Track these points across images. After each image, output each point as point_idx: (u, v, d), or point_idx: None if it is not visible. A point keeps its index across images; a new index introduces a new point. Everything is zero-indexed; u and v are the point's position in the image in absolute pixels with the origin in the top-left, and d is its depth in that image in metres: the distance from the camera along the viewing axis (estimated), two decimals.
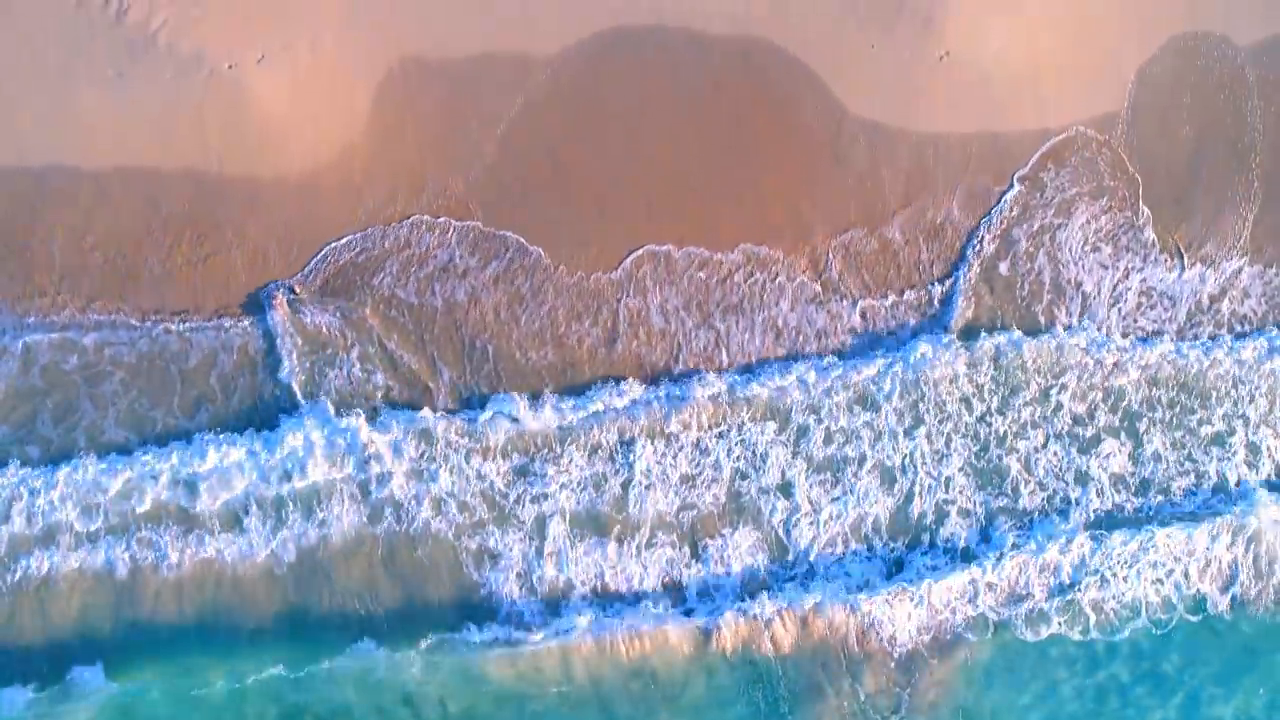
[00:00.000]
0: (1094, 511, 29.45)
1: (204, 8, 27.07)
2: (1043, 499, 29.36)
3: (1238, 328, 30.96)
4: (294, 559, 26.48)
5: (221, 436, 26.62)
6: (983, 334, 29.47)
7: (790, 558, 28.28)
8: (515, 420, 27.44)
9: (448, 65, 27.91)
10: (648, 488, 27.83)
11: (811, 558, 28.33)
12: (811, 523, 28.35)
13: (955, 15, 29.12)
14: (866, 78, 29.12)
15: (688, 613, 27.51)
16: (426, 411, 27.23)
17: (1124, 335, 30.19)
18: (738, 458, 28.27)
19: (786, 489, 28.38)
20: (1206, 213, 30.84)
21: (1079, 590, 28.72)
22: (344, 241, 27.61)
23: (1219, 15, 30.53)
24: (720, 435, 28.21)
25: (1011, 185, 29.76)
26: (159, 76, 26.82)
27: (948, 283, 29.58)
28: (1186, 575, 29.40)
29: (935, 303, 29.60)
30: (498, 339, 27.92)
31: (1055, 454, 29.49)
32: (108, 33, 26.73)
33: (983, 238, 29.59)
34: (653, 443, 27.89)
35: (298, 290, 27.32)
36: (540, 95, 28.19)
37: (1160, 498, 29.93)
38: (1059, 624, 28.67)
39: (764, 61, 28.83)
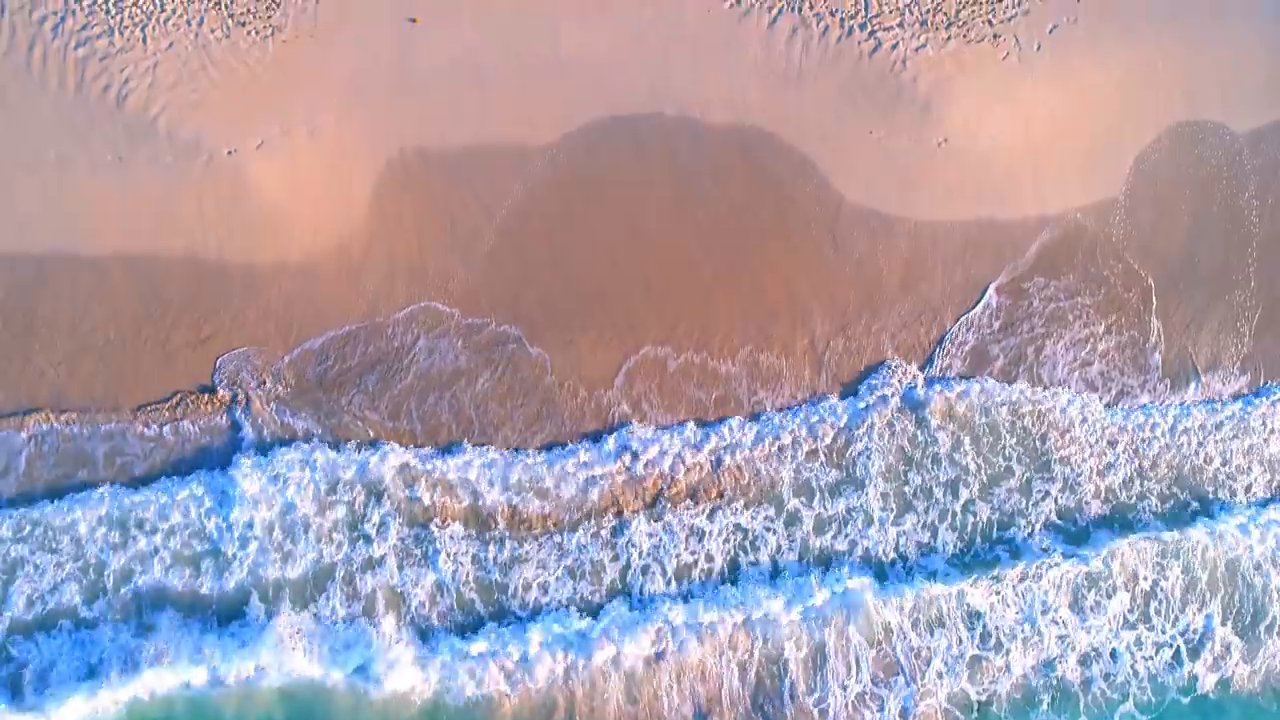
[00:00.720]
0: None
1: (203, 93, 27.16)
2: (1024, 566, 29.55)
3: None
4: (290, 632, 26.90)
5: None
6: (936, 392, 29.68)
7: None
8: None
9: (447, 154, 28.03)
10: (645, 570, 28.11)
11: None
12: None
13: (954, 102, 29.16)
14: (864, 165, 29.17)
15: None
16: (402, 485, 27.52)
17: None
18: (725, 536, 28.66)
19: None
20: (1202, 301, 30.84)
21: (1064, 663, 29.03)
22: (320, 343, 27.64)
23: (1217, 103, 30.54)
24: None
25: (985, 294, 29.84)
26: (159, 161, 26.98)
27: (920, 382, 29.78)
28: (1177, 654, 29.62)
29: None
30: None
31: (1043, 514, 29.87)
32: (108, 118, 26.87)
33: (948, 350, 29.71)
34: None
35: (284, 374, 27.45)
36: (539, 182, 28.31)
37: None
38: (1046, 706, 28.83)
39: (762, 149, 28.93)
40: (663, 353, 28.29)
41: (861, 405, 29.17)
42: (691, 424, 28.32)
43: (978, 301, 29.69)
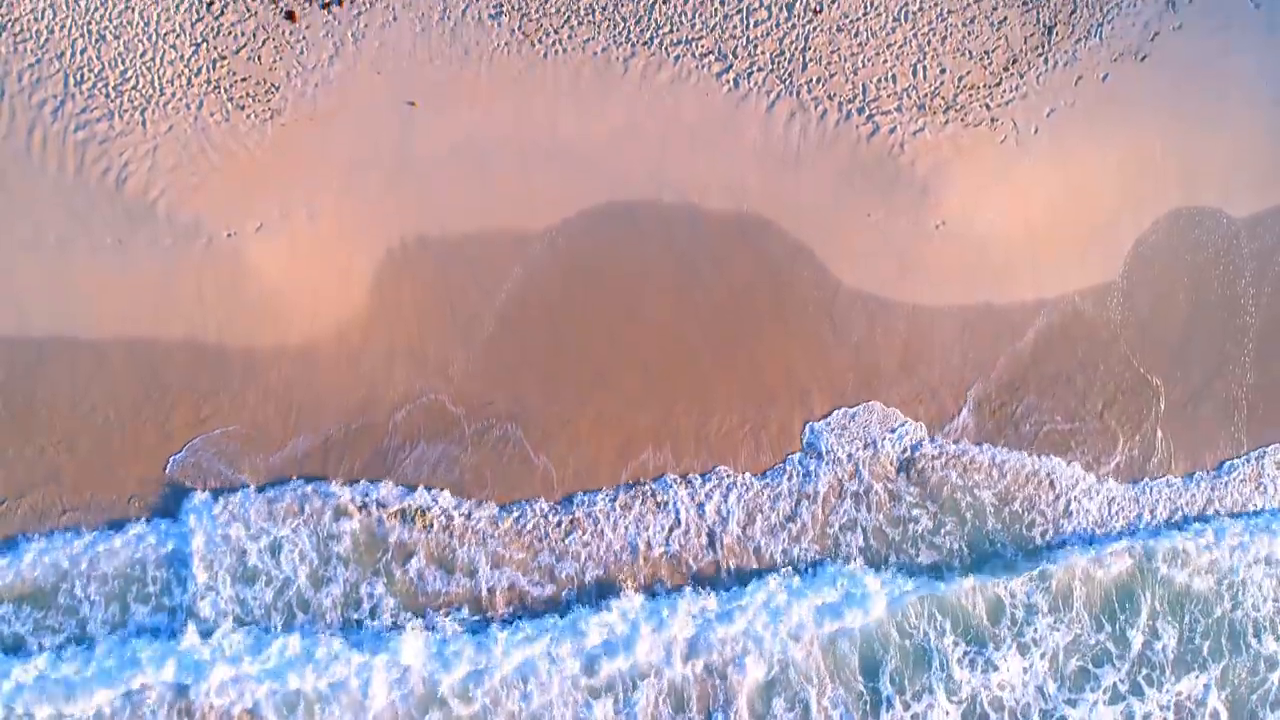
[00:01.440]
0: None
1: (202, 176, 27.17)
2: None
3: None
4: None
5: None
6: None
7: None
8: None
9: (447, 238, 28.04)
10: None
11: None
12: None
13: (951, 185, 29.16)
14: (862, 249, 29.21)
15: None
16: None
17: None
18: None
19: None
20: (1199, 387, 30.92)
21: None
22: (307, 446, 27.53)
23: (1216, 189, 30.61)
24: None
25: (965, 404, 29.87)
26: (158, 244, 26.98)
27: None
28: None
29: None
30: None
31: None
32: (107, 201, 26.87)
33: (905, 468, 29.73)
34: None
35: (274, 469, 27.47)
36: (538, 267, 28.33)
37: None
38: None
39: (760, 233, 28.94)
40: (662, 459, 28.39)
41: (843, 475, 29.37)
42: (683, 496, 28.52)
43: (956, 416, 29.85)
